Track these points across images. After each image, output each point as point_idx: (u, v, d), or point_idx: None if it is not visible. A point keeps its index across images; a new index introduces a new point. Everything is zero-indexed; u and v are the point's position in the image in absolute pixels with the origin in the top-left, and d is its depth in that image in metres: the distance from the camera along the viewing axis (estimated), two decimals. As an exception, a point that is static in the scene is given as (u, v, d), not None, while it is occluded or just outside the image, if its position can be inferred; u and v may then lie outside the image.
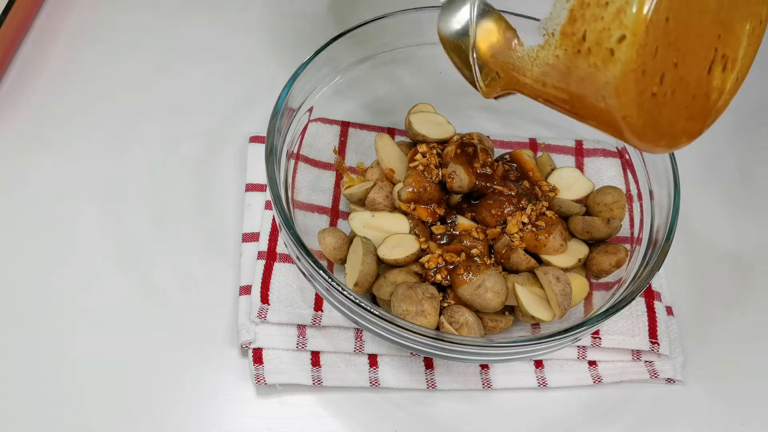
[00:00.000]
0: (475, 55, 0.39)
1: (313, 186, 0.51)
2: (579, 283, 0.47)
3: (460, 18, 0.39)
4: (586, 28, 0.32)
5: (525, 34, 0.36)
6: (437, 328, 0.43)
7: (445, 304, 0.45)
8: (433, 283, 0.45)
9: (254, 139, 0.54)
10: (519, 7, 0.44)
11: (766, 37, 0.36)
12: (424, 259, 0.46)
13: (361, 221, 0.47)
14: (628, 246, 0.48)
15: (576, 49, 0.32)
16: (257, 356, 0.46)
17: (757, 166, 0.58)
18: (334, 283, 0.40)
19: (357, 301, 0.40)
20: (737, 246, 0.54)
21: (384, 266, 0.46)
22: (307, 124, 0.50)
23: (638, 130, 0.34)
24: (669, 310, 0.50)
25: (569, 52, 0.33)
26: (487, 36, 0.38)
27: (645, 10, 0.30)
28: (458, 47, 0.40)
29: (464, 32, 0.40)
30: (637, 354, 0.48)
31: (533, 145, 0.56)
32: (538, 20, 0.34)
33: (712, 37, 0.33)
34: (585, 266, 0.49)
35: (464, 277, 0.44)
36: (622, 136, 0.34)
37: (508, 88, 0.39)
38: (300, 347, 0.46)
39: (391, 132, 0.56)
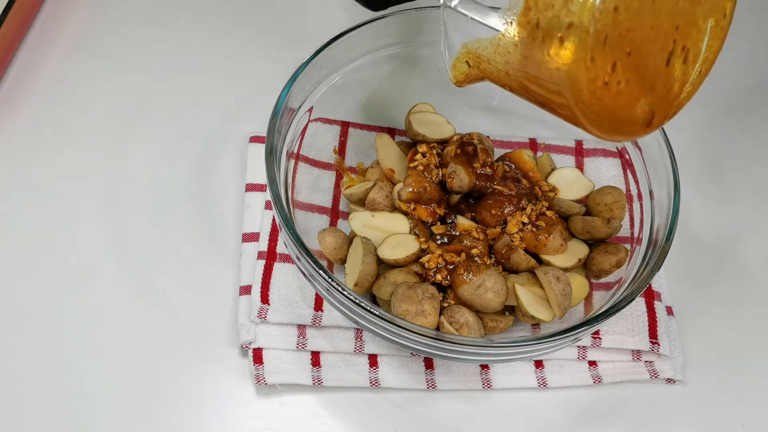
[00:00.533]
0: (445, 43, 0.40)
1: (313, 186, 0.51)
2: (579, 283, 0.47)
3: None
4: (539, 17, 0.33)
5: (489, 24, 0.37)
6: (437, 328, 0.43)
7: (445, 304, 0.45)
8: (433, 283, 0.45)
9: (254, 139, 0.54)
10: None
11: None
12: (424, 259, 0.46)
13: (361, 221, 0.47)
14: (628, 246, 0.48)
15: (531, 37, 0.33)
16: (257, 356, 0.46)
17: (759, 167, 0.58)
18: (334, 283, 0.40)
19: (357, 301, 0.40)
20: (737, 246, 0.54)
21: (384, 266, 0.46)
22: (307, 124, 0.50)
23: (593, 119, 0.34)
24: (669, 310, 0.50)
25: (526, 41, 0.34)
26: (458, 24, 0.39)
27: None
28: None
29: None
30: (637, 354, 0.48)
31: (533, 145, 0.56)
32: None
33: (670, 27, 0.34)
34: (585, 266, 0.49)
35: (464, 277, 0.44)
36: (579, 123, 0.35)
37: (479, 78, 0.39)
38: (300, 347, 0.46)
39: (391, 132, 0.56)
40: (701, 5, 0.34)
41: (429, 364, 0.47)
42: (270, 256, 0.49)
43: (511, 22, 0.34)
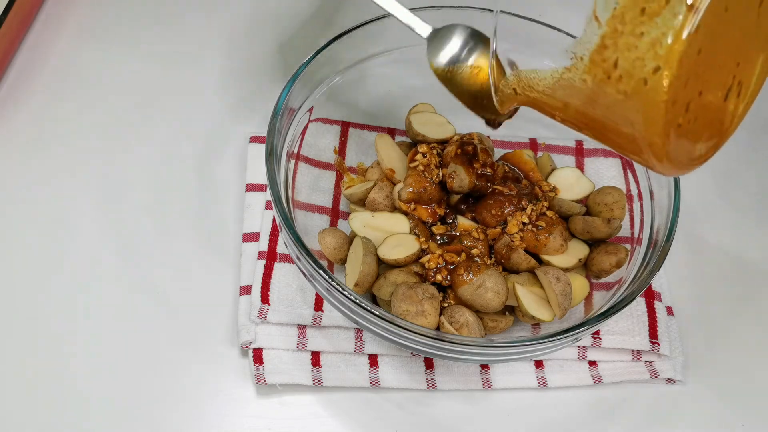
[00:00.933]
0: (493, 73, 0.39)
1: (314, 186, 0.51)
2: (579, 283, 0.47)
3: (450, 48, 0.40)
4: (618, 56, 0.32)
5: (550, 54, 0.36)
6: (437, 328, 0.43)
7: (446, 304, 0.45)
8: (434, 283, 0.45)
9: (254, 139, 0.54)
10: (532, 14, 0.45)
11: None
12: (424, 259, 0.46)
13: (361, 221, 0.47)
14: (628, 246, 0.48)
15: (606, 75, 0.32)
16: (257, 356, 0.46)
17: (756, 165, 0.58)
18: (334, 283, 0.40)
19: (357, 301, 0.40)
20: (737, 246, 0.54)
21: (384, 266, 0.46)
22: (307, 124, 0.50)
23: (661, 156, 0.34)
24: (669, 310, 0.50)
25: (598, 78, 0.33)
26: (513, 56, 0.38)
27: (681, 41, 0.30)
28: (449, 77, 0.42)
29: (453, 62, 0.43)
30: (637, 354, 0.48)
31: (533, 145, 0.56)
32: (559, 30, 0.34)
33: (733, 64, 0.34)
34: (585, 266, 0.49)
35: (464, 277, 0.44)
36: (643, 160, 0.35)
37: (523, 104, 0.39)
38: (300, 347, 0.46)
39: (391, 132, 0.56)
40: (755, 41, 0.34)
41: (429, 364, 0.47)
42: (270, 256, 0.49)
43: (582, 58, 0.33)
